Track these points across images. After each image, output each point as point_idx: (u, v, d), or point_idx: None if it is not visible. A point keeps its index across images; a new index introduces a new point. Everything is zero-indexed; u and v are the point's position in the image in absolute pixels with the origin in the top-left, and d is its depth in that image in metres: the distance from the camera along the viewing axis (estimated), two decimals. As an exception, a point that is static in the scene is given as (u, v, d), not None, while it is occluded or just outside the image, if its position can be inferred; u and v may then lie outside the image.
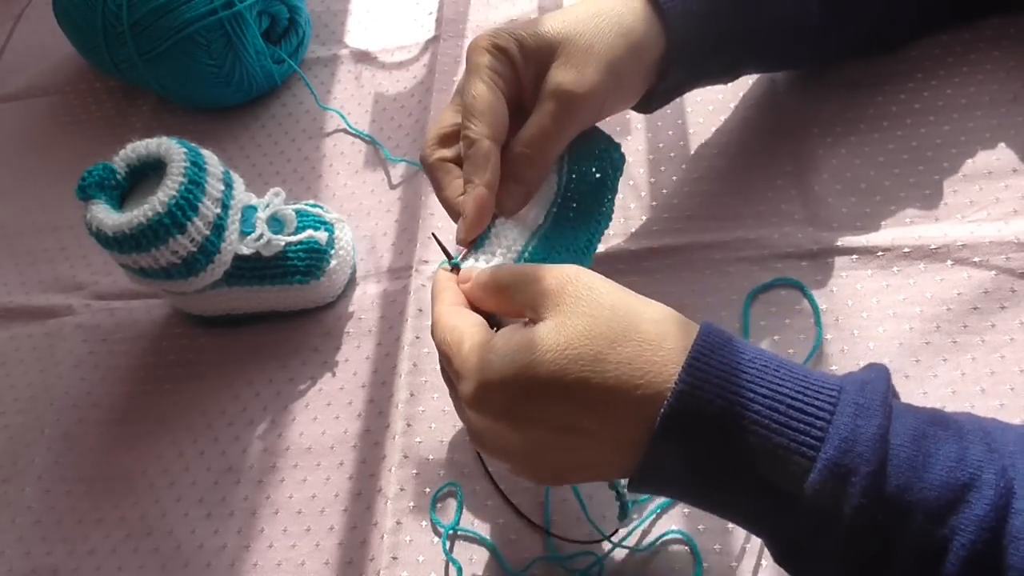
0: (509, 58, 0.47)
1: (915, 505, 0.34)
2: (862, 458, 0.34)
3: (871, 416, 0.36)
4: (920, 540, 0.34)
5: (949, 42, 0.63)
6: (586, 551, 0.51)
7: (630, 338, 0.38)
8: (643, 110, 0.56)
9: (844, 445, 0.35)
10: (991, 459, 0.35)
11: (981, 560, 0.33)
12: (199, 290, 0.61)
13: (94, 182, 0.58)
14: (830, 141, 0.62)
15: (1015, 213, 0.56)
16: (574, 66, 0.46)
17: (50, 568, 0.58)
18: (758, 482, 0.36)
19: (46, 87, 0.87)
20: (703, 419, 0.36)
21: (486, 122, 0.46)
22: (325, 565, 0.55)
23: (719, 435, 0.36)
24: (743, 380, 0.37)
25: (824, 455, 0.35)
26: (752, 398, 0.36)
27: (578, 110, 0.47)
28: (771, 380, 0.37)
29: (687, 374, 0.37)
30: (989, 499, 0.34)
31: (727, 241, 0.60)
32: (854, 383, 0.37)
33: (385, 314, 0.64)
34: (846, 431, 0.35)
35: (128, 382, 0.66)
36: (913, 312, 0.54)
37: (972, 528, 0.34)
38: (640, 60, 0.49)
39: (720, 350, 0.37)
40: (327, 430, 0.60)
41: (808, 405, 0.36)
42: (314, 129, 0.76)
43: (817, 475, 0.35)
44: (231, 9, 0.72)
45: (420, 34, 0.80)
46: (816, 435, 0.35)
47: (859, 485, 0.34)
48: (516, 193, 0.47)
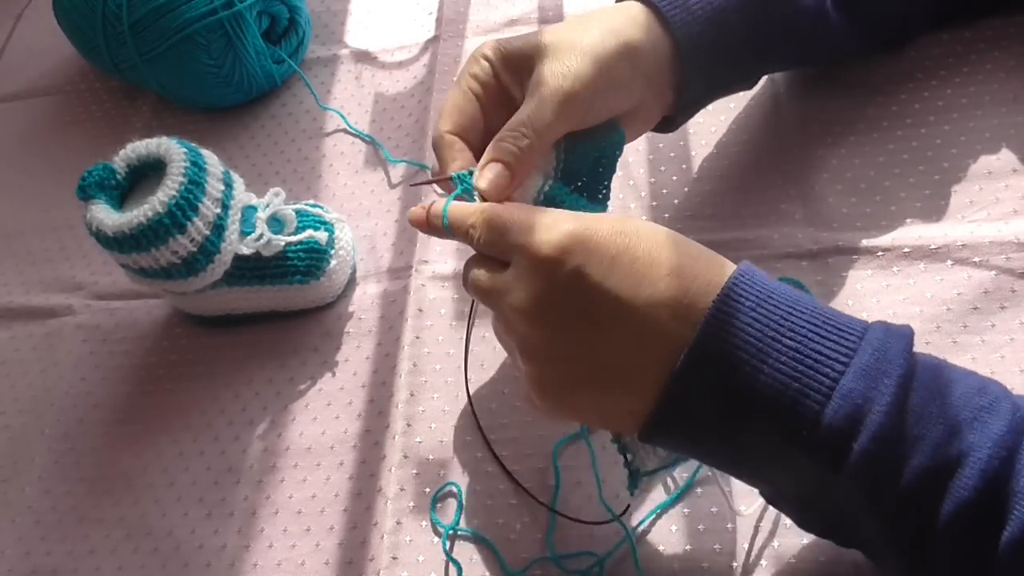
0: (491, 64, 0.50)
1: (936, 417, 0.36)
2: (893, 364, 0.36)
3: (899, 338, 0.38)
4: (938, 451, 0.35)
5: (949, 42, 0.63)
6: (587, 551, 0.51)
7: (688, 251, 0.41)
8: (667, 129, 0.56)
9: (877, 354, 0.36)
10: (1007, 395, 0.37)
11: (993, 478, 0.34)
12: (199, 290, 0.61)
13: (94, 182, 0.58)
14: (830, 141, 0.62)
15: (1015, 213, 0.56)
16: (558, 60, 0.47)
17: (50, 568, 0.58)
18: (791, 392, 0.36)
19: (46, 87, 0.87)
20: (741, 329, 0.37)
21: (448, 119, 0.49)
22: (325, 565, 0.55)
23: (757, 343, 0.37)
24: (781, 299, 0.38)
25: (858, 360, 0.36)
26: (790, 312, 0.38)
27: (563, 100, 0.47)
28: (807, 303, 0.39)
29: (733, 282, 0.39)
30: (1006, 422, 0.35)
31: (727, 241, 0.60)
32: (880, 322, 0.39)
33: (385, 314, 0.64)
34: (878, 343, 0.37)
35: (128, 382, 0.66)
36: (913, 312, 0.54)
37: (989, 445, 0.35)
38: (635, 64, 0.49)
39: (759, 277, 0.40)
40: (327, 430, 0.60)
41: (842, 324, 0.38)
42: (314, 129, 0.76)
43: (851, 377, 0.36)
44: (231, 9, 0.72)
45: (420, 34, 0.80)
46: (850, 345, 0.37)
47: (890, 386, 0.35)
48: (502, 173, 0.47)
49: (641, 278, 0.39)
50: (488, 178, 0.46)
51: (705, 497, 0.51)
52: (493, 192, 0.46)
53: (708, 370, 0.38)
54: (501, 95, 0.50)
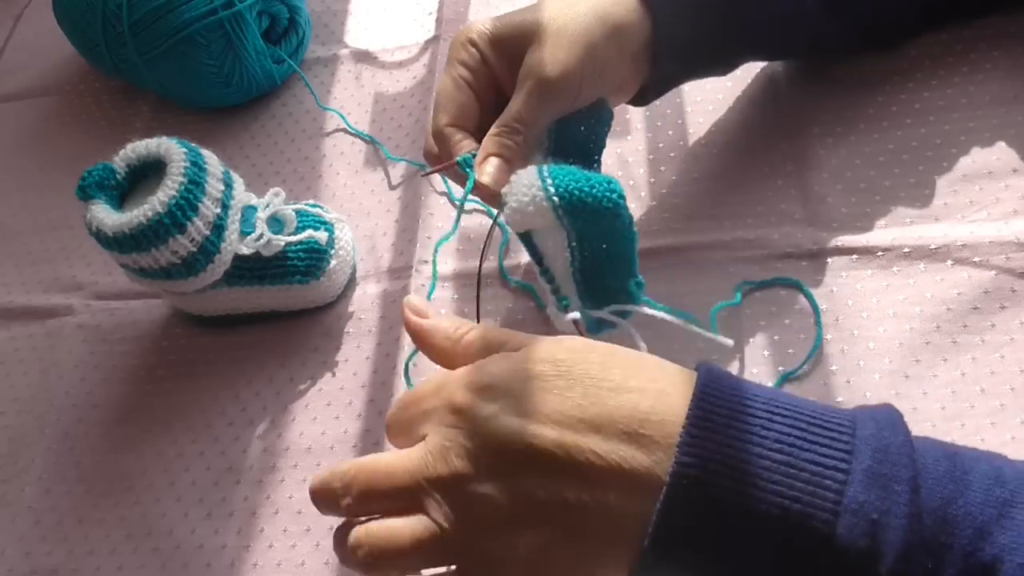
0: (479, 50, 0.49)
1: (962, 519, 0.32)
2: (900, 465, 0.32)
3: (894, 430, 0.34)
4: (969, 559, 0.32)
5: (949, 42, 0.63)
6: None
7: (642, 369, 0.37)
8: (639, 103, 0.56)
9: (878, 455, 0.33)
10: (1020, 476, 0.34)
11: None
12: (199, 290, 0.61)
13: (94, 182, 0.58)
14: (830, 141, 0.62)
15: (1015, 213, 0.56)
16: (547, 49, 0.47)
17: (50, 568, 0.58)
18: (794, 516, 0.32)
19: (46, 87, 0.87)
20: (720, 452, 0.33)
21: (445, 112, 0.49)
22: (325, 565, 0.55)
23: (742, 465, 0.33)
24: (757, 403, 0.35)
25: (860, 465, 0.32)
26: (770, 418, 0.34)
27: (552, 92, 0.48)
28: (783, 402, 0.35)
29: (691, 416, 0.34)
30: None
31: (727, 241, 0.60)
32: (863, 410, 0.35)
33: (385, 314, 0.64)
34: (874, 441, 0.33)
35: (128, 382, 0.66)
36: (913, 312, 0.54)
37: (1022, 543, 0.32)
38: (622, 46, 0.49)
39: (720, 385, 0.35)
40: (327, 430, 0.60)
41: (828, 420, 0.34)
42: (314, 129, 0.76)
43: (858, 486, 0.32)
44: (231, 9, 0.72)
45: (420, 34, 0.80)
46: (845, 447, 0.33)
47: (904, 492, 0.32)
48: (500, 167, 0.48)
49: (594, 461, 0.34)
50: (489, 173, 0.47)
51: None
52: (495, 186, 0.47)
53: (689, 514, 0.33)
54: (491, 78, 0.50)
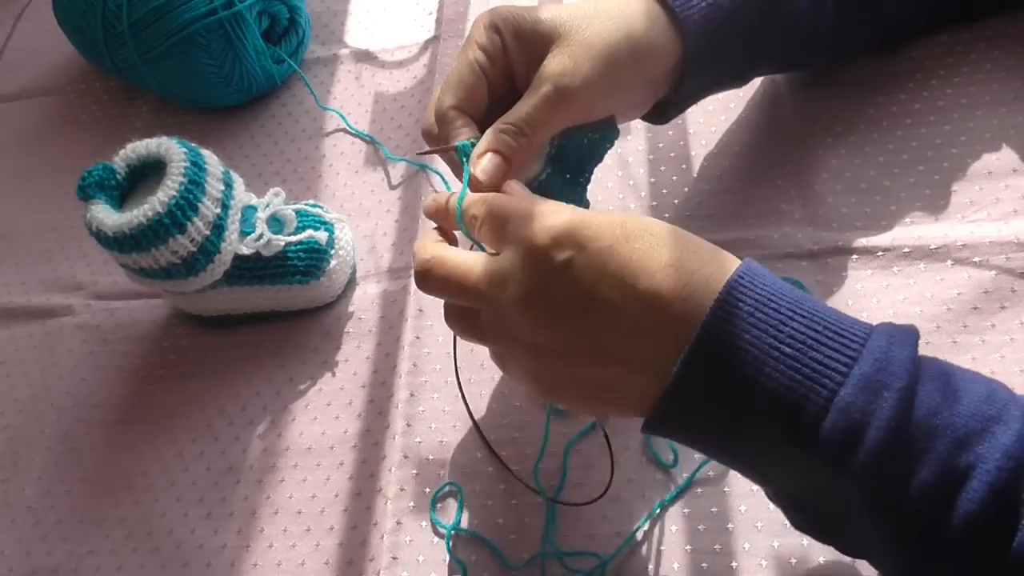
0: (501, 39, 0.48)
1: (943, 428, 0.35)
2: (895, 376, 0.35)
3: (904, 345, 0.37)
4: (944, 464, 0.35)
5: (949, 42, 0.63)
6: (589, 552, 0.51)
7: (687, 238, 0.40)
8: (658, 121, 0.56)
9: (878, 364, 0.36)
10: (1016, 401, 0.36)
11: (1002, 490, 0.34)
12: (199, 290, 0.61)
13: (94, 182, 0.58)
14: (830, 141, 0.62)
15: (1015, 213, 0.56)
16: (570, 57, 0.47)
17: (50, 568, 0.58)
18: (789, 400, 0.36)
19: (46, 87, 0.87)
20: (741, 331, 0.37)
21: (453, 93, 0.48)
22: (325, 565, 0.55)
23: (755, 347, 0.37)
24: (782, 302, 0.38)
25: (858, 370, 0.36)
26: (791, 316, 0.37)
27: (568, 103, 0.47)
28: (808, 307, 0.38)
29: (735, 281, 0.38)
30: (1015, 431, 0.35)
31: (727, 241, 0.59)
32: (886, 324, 0.38)
33: (385, 314, 0.64)
34: (880, 352, 0.36)
35: (128, 382, 0.66)
36: (913, 312, 0.54)
37: (997, 456, 0.34)
38: (644, 68, 0.49)
39: (764, 275, 0.39)
40: (327, 430, 0.60)
41: (844, 329, 0.37)
42: (314, 129, 0.76)
43: (850, 388, 0.35)
44: (231, 9, 0.72)
45: (420, 34, 0.80)
46: (850, 354, 0.36)
47: (891, 400, 0.35)
48: (499, 165, 0.47)
49: (639, 269, 0.39)
50: (486, 169, 0.47)
51: (705, 497, 0.51)
52: (489, 182, 0.47)
53: (707, 371, 0.38)
54: (506, 68, 0.49)
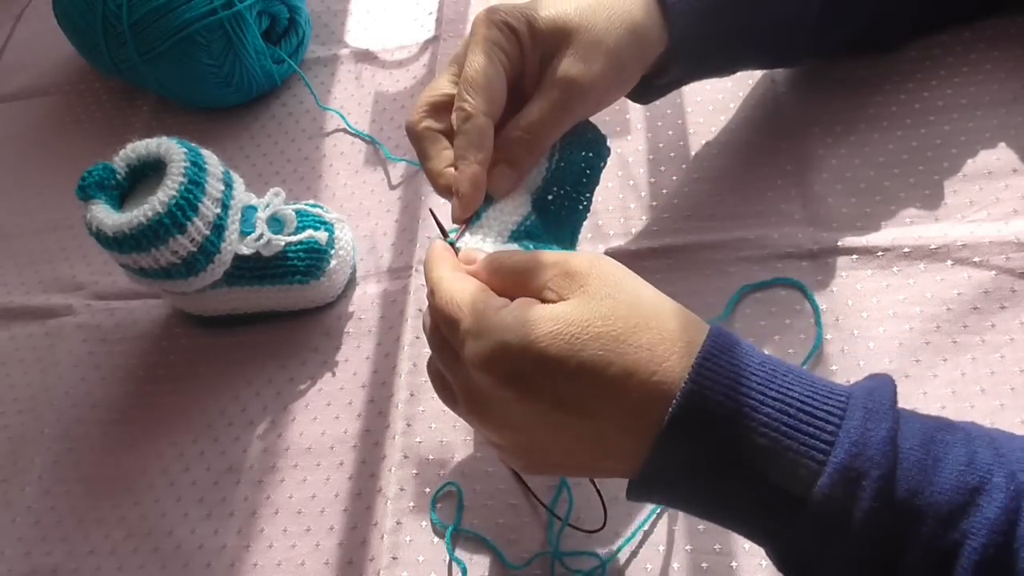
0: (517, 37, 0.46)
1: (926, 509, 0.34)
2: (872, 462, 0.34)
3: (880, 420, 0.35)
4: (931, 544, 0.34)
5: (949, 42, 0.63)
6: (589, 551, 0.51)
7: (650, 327, 0.37)
8: (640, 101, 0.56)
9: (855, 449, 0.34)
10: (1000, 463, 0.35)
11: (992, 564, 0.33)
12: (199, 290, 0.61)
13: (94, 182, 0.58)
14: (830, 141, 0.62)
15: (1015, 213, 0.56)
16: (583, 59, 0.46)
17: (50, 568, 0.58)
18: (765, 487, 0.36)
19: (46, 87, 0.87)
20: (712, 419, 0.36)
21: (484, 97, 0.45)
22: (325, 565, 0.55)
23: (728, 435, 0.36)
24: (752, 382, 0.36)
25: (835, 459, 0.34)
26: (762, 400, 0.36)
27: (582, 102, 0.47)
28: (780, 384, 0.36)
29: (697, 373, 0.36)
30: (1000, 502, 0.34)
31: (727, 241, 0.60)
32: (861, 389, 0.37)
33: (385, 314, 0.64)
34: (856, 435, 0.35)
35: (128, 382, 0.66)
36: (913, 312, 0.54)
37: (984, 531, 0.33)
38: (643, 56, 0.49)
39: (730, 351, 0.37)
40: (327, 430, 0.60)
41: (817, 410, 0.36)
42: (314, 129, 0.76)
43: (828, 479, 0.34)
44: (231, 9, 0.72)
45: (420, 34, 0.80)
46: (826, 439, 0.35)
47: (870, 489, 0.34)
48: (509, 176, 0.47)
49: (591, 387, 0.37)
50: (499, 183, 0.46)
51: (705, 497, 0.51)
52: (500, 195, 0.46)
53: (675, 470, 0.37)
54: (518, 69, 0.47)
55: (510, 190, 0.47)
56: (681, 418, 0.36)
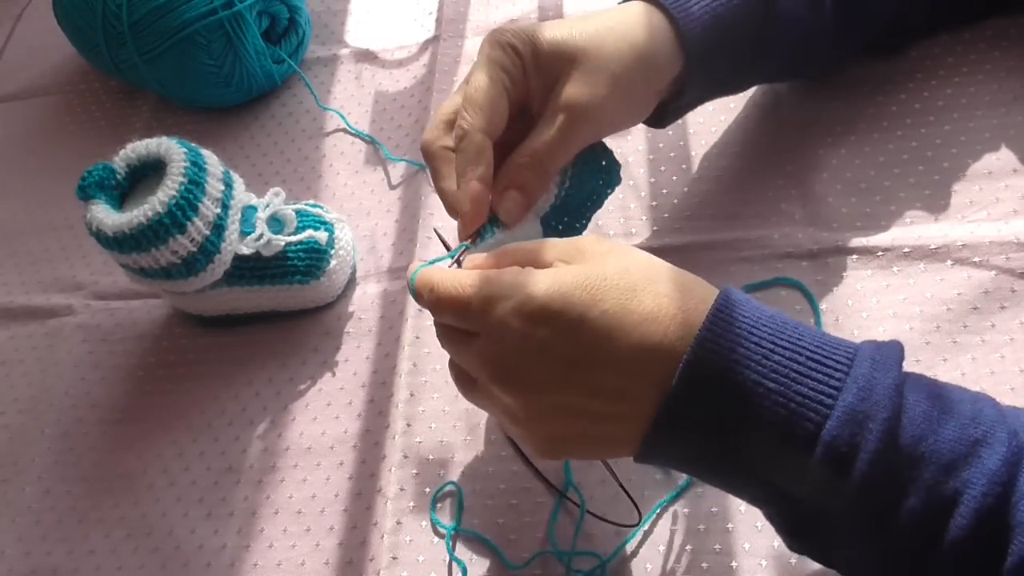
0: (522, 61, 0.47)
1: (928, 456, 0.35)
2: (879, 405, 0.35)
3: (888, 370, 0.37)
4: (931, 492, 0.35)
5: (949, 42, 0.63)
6: (589, 551, 0.51)
7: (665, 278, 0.39)
8: (657, 125, 0.55)
9: (862, 393, 0.36)
10: (1003, 421, 0.36)
11: (990, 514, 0.34)
12: (199, 290, 0.61)
13: (94, 182, 0.58)
14: (830, 141, 0.62)
15: (1015, 213, 0.56)
16: (587, 84, 0.46)
17: (50, 568, 0.58)
18: (776, 432, 0.36)
19: (46, 87, 0.87)
20: (726, 363, 0.37)
21: (482, 115, 0.45)
22: (325, 565, 0.55)
23: (740, 380, 0.37)
24: (765, 332, 0.37)
25: (843, 402, 0.36)
26: (773, 348, 0.37)
27: (588, 126, 0.47)
28: (791, 334, 0.38)
29: (711, 321, 0.37)
30: (1001, 455, 0.35)
31: (727, 241, 0.60)
32: (869, 344, 0.38)
33: (385, 314, 0.64)
34: (864, 381, 0.36)
35: (128, 382, 0.66)
36: (913, 312, 0.54)
37: (984, 481, 0.34)
38: (649, 79, 0.49)
39: (743, 304, 0.39)
40: (327, 430, 0.60)
41: (827, 358, 0.37)
42: (314, 129, 0.76)
43: (835, 421, 0.35)
44: (231, 9, 0.72)
45: (420, 34, 0.80)
46: (835, 384, 0.36)
47: (876, 431, 0.35)
48: (519, 202, 0.47)
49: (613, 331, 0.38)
50: (509, 209, 0.46)
51: (705, 497, 0.51)
52: (511, 221, 0.47)
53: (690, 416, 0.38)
54: (523, 92, 0.47)
55: (521, 215, 0.47)
56: (696, 363, 0.37)
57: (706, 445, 0.39)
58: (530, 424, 0.42)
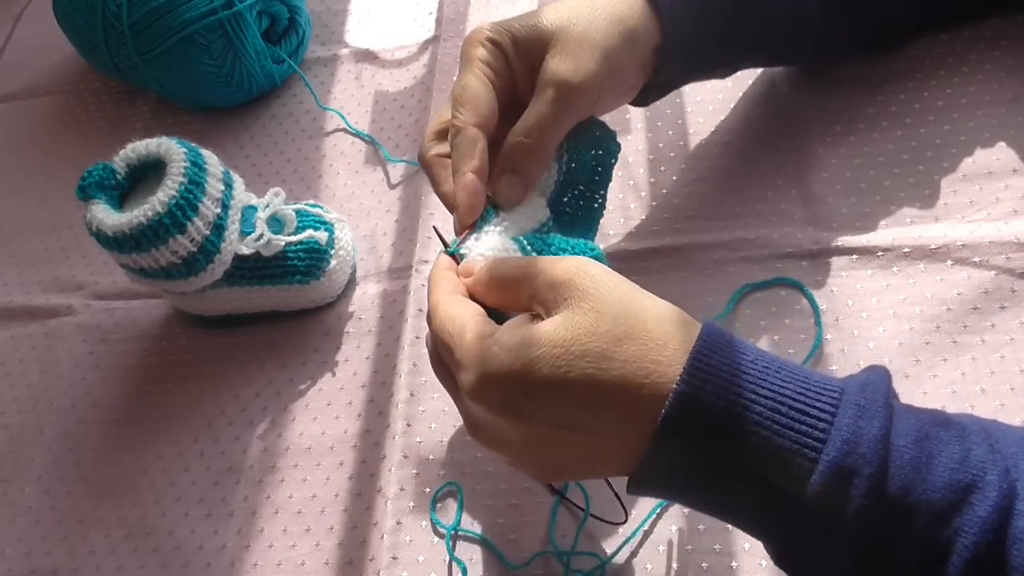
0: (502, 51, 0.47)
1: (918, 506, 0.34)
2: (864, 459, 0.34)
3: (873, 417, 0.35)
4: (923, 542, 0.34)
5: (949, 42, 0.63)
6: (588, 552, 0.51)
7: (636, 336, 0.37)
8: (639, 103, 0.55)
9: (846, 447, 0.35)
10: (994, 460, 0.35)
11: (985, 561, 0.33)
12: (199, 290, 0.61)
13: (94, 182, 0.58)
14: (830, 141, 0.62)
15: (1015, 213, 0.56)
16: (569, 55, 0.46)
17: (50, 568, 0.58)
18: (759, 484, 0.36)
19: (46, 87, 0.87)
20: (705, 420, 0.36)
21: (472, 110, 0.46)
22: (325, 565, 0.55)
23: (721, 436, 0.36)
24: (745, 381, 0.36)
25: (826, 456, 0.35)
26: (754, 399, 0.36)
27: (575, 99, 0.47)
28: (772, 381, 0.37)
29: (688, 375, 0.36)
30: (992, 500, 0.34)
31: (727, 241, 0.60)
32: (855, 385, 0.37)
33: (385, 314, 0.64)
34: (848, 432, 0.35)
35: (128, 382, 0.66)
36: (913, 312, 0.54)
37: (976, 529, 0.33)
38: (635, 51, 0.49)
39: (722, 351, 0.37)
40: (327, 430, 0.60)
41: (810, 407, 0.36)
42: (314, 129, 0.76)
43: (819, 476, 0.35)
44: (231, 9, 0.72)
45: (420, 34, 0.80)
46: (818, 436, 0.35)
47: (862, 486, 0.34)
48: (516, 184, 0.47)
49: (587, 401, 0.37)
50: (505, 194, 0.46)
51: (705, 497, 0.51)
52: (510, 205, 0.46)
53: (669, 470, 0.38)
54: (509, 81, 0.48)
55: (520, 198, 0.47)
56: (674, 419, 0.36)
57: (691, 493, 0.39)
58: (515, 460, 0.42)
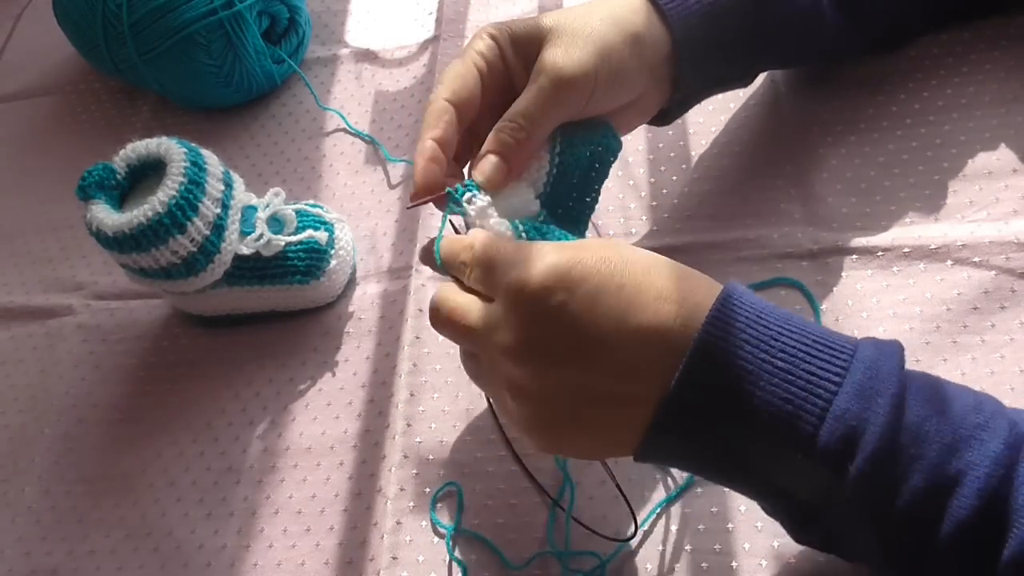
0: (497, 44, 0.49)
1: (933, 436, 0.36)
2: (886, 383, 0.36)
3: (890, 356, 0.38)
4: (934, 472, 0.35)
5: (949, 42, 0.63)
6: (588, 551, 0.51)
7: (675, 266, 0.41)
8: (661, 123, 0.56)
9: (869, 372, 0.36)
10: (1003, 411, 0.37)
11: (992, 496, 0.34)
12: (199, 290, 0.61)
13: (94, 182, 0.58)
14: (830, 141, 0.62)
15: (1015, 213, 0.56)
16: (563, 46, 0.47)
17: (50, 568, 0.58)
18: (785, 413, 0.37)
19: (46, 87, 0.87)
20: (736, 343, 0.37)
21: (449, 88, 0.48)
22: (325, 565, 0.55)
23: (750, 360, 0.37)
24: (772, 319, 0.38)
25: (851, 379, 0.36)
26: (780, 331, 0.38)
27: (565, 88, 0.47)
28: (797, 322, 0.39)
29: (721, 303, 0.38)
30: (1003, 438, 0.35)
31: (727, 241, 0.60)
32: (868, 339, 0.39)
33: (385, 314, 0.64)
34: (869, 361, 0.37)
35: (128, 382, 0.66)
36: (913, 312, 0.54)
37: (987, 463, 0.35)
38: (640, 55, 0.49)
39: (749, 295, 0.40)
40: (327, 430, 0.60)
41: (833, 342, 0.38)
42: (314, 129, 0.76)
43: (845, 397, 0.36)
44: (231, 9, 0.72)
45: (420, 34, 0.80)
46: (842, 363, 0.37)
47: (884, 405, 0.36)
48: (498, 166, 0.47)
49: (629, 305, 0.39)
50: (484, 171, 0.47)
51: (705, 497, 0.51)
52: (490, 186, 0.47)
53: (702, 389, 0.38)
54: (504, 77, 0.49)
55: (499, 181, 0.47)
56: (707, 342, 0.37)
57: (716, 429, 0.39)
58: (535, 402, 0.41)
